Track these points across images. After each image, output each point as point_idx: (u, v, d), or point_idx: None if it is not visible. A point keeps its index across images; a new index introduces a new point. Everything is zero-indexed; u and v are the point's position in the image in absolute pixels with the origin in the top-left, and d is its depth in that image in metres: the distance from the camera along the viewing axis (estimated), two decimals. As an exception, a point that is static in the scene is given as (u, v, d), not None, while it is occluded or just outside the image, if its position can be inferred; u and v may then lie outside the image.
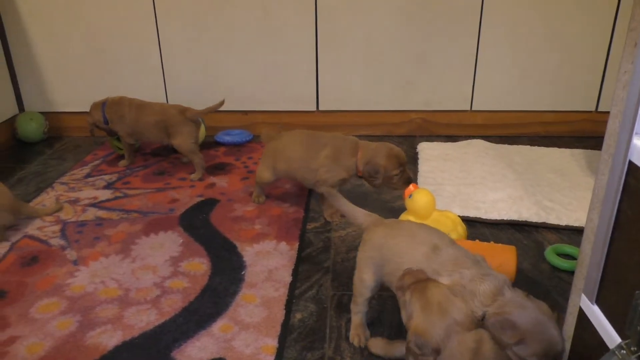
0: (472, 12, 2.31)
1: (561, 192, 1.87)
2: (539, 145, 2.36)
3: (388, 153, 1.64)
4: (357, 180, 2.03)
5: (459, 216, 1.58)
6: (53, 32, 2.41)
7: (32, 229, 1.71)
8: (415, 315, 0.97)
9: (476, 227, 1.69)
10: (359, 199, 1.88)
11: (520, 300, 0.97)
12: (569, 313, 0.98)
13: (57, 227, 1.72)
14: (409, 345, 0.95)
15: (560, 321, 0.97)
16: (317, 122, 2.52)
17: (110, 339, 1.23)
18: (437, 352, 0.93)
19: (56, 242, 1.64)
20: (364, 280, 1.18)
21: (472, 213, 1.73)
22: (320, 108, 2.51)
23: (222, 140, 2.39)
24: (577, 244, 1.56)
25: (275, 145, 1.79)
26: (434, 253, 1.08)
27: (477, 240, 1.46)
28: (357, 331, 1.22)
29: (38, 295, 1.38)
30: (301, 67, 2.43)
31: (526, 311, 0.94)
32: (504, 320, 0.93)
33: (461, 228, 1.51)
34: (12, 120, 2.48)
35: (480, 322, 0.96)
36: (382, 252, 1.15)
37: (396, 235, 1.15)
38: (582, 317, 0.92)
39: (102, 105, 2.12)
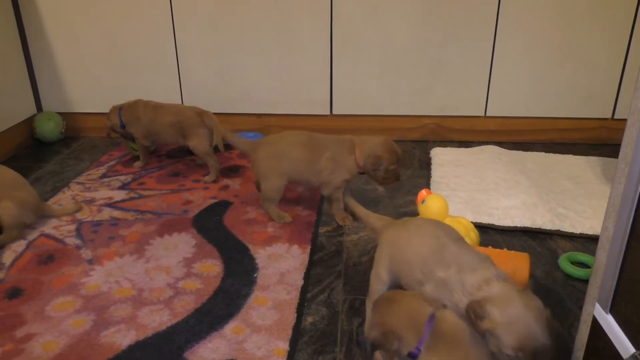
0: (488, 19, 2.30)
1: (576, 199, 1.86)
2: (553, 152, 2.34)
3: (388, 147, 1.65)
4: (367, 184, 2.04)
5: (471, 222, 1.57)
6: (72, 33, 2.45)
7: (48, 227, 1.74)
8: (376, 319, 1.03)
9: (489, 233, 1.68)
10: (371, 204, 1.89)
11: (506, 292, 0.96)
12: (582, 322, 0.98)
13: (72, 227, 1.74)
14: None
15: (550, 321, 0.95)
16: (330, 125, 2.53)
17: (124, 338, 1.24)
18: (392, 338, 0.98)
19: (72, 241, 1.66)
20: (380, 276, 1.21)
21: (485, 219, 1.72)
22: (334, 112, 2.51)
23: (236, 143, 2.40)
24: (592, 252, 1.55)
25: (277, 149, 1.72)
26: (440, 248, 1.10)
27: (489, 247, 1.46)
28: None
29: (54, 294, 1.41)
30: (315, 71, 2.44)
31: (506, 303, 0.93)
32: (476, 308, 0.94)
33: (474, 234, 1.51)
34: (30, 120, 2.52)
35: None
36: (392, 249, 1.19)
37: (404, 231, 1.20)
38: (595, 326, 0.91)
39: (119, 109, 2.15)
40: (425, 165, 2.24)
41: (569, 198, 1.86)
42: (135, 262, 1.54)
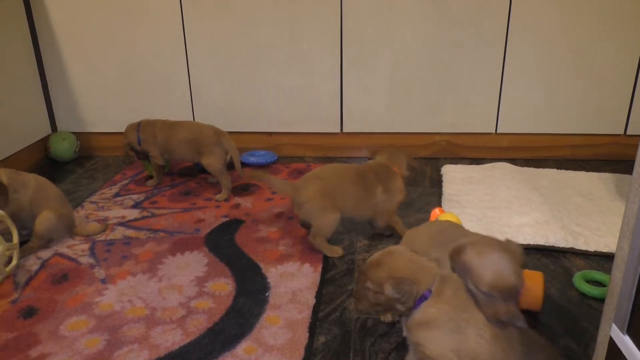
0: (498, 36, 2.32)
1: (589, 216, 1.84)
2: (566, 169, 2.33)
3: (408, 157, 1.80)
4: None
5: (484, 240, 1.56)
6: (87, 54, 2.50)
7: (62, 247, 1.75)
8: (376, 275, 1.06)
9: (502, 251, 1.67)
10: (382, 221, 1.88)
11: (485, 239, 1.09)
12: (599, 343, 0.96)
13: (86, 246, 1.76)
14: (391, 298, 1.03)
15: (523, 263, 1.06)
16: (340, 143, 2.54)
17: (137, 358, 1.24)
18: (413, 280, 1.03)
19: (85, 260, 1.67)
20: None
21: (497, 237, 1.71)
22: (344, 130, 2.53)
23: (247, 161, 2.42)
24: (606, 270, 1.54)
25: (329, 184, 1.65)
26: (440, 233, 1.25)
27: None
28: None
29: (67, 313, 1.41)
30: (326, 89, 2.46)
31: (483, 246, 1.04)
32: (456, 249, 1.06)
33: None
34: (45, 140, 2.56)
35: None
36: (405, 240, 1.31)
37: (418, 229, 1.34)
38: (612, 347, 0.90)
39: (137, 126, 2.18)
40: (436, 182, 2.23)
41: (582, 215, 1.85)
42: (148, 281, 1.55)
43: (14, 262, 1.60)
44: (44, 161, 2.56)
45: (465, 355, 1.00)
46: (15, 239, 1.62)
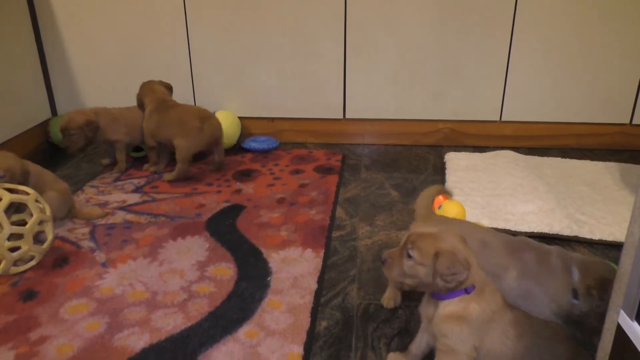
0: (504, 23, 2.29)
1: (594, 205, 1.83)
2: (570, 158, 2.31)
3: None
4: (381, 189, 2.03)
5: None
6: (87, 38, 2.47)
7: (62, 230, 1.74)
8: (428, 247, 1.00)
9: (505, 239, 1.65)
10: (384, 209, 1.87)
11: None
12: (606, 330, 0.95)
13: (86, 230, 1.74)
14: (439, 271, 0.99)
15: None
16: (343, 130, 2.52)
17: (138, 341, 1.23)
18: (467, 266, 0.98)
19: (86, 244, 1.66)
20: None
21: (501, 225, 1.70)
22: (347, 116, 2.50)
23: (249, 147, 2.40)
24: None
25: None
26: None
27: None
28: (389, 294, 1.35)
29: (68, 296, 1.40)
30: (329, 75, 2.44)
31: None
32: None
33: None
34: (45, 124, 2.54)
35: None
36: None
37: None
38: (620, 334, 0.89)
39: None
40: (439, 170, 2.22)
41: (587, 204, 1.83)
42: (149, 265, 1.54)
43: (50, 237, 1.58)
44: (44, 146, 2.54)
45: (487, 355, 1.00)
46: (48, 211, 1.59)
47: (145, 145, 2.21)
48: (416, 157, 2.37)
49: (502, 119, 2.46)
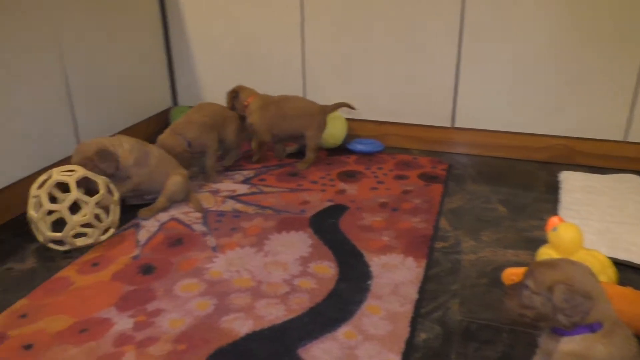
0: (634, 33, 2.10)
1: None
2: None
3: None
4: (487, 203, 1.95)
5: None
6: (210, 36, 2.63)
7: (178, 212, 1.87)
8: (544, 276, 0.95)
9: (625, 272, 1.52)
10: (490, 225, 1.81)
11: None
12: None
13: (199, 214, 1.86)
14: (557, 305, 0.92)
15: None
16: (450, 138, 2.46)
17: (242, 326, 1.29)
18: (589, 298, 0.91)
19: (198, 227, 1.77)
20: None
21: (621, 255, 1.57)
22: (456, 125, 2.44)
23: (354, 149, 2.42)
24: None
25: None
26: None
27: (628, 287, 1.32)
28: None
29: (181, 275, 1.51)
30: (439, 82, 2.39)
31: None
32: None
33: (611, 271, 1.37)
34: (166, 113, 2.74)
35: None
36: None
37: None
38: None
39: None
40: (552, 189, 2.09)
41: None
42: (255, 254, 1.60)
43: (111, 216, 1.68)
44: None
45: None
46: (116, 195, 1.71)
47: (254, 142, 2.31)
48: (525, 173, 2.25)
49: (628, 139, 2.26)
